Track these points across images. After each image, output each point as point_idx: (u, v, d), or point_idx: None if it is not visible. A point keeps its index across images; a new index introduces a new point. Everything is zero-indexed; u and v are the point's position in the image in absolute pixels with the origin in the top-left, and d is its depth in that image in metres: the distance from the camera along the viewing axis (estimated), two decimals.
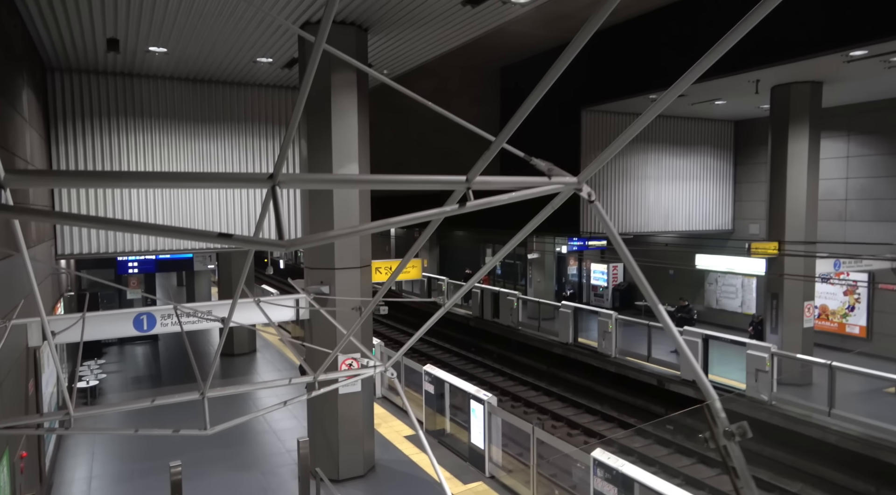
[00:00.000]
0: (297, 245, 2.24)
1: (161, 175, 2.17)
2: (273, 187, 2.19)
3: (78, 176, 1.89)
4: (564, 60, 1.47)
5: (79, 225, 1.72)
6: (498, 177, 2.73)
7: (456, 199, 2.83)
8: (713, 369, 14.40)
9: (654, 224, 18.79)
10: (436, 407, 11.58)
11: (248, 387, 4.61)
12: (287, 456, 10.38)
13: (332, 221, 9.03)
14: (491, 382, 18.72)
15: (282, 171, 2.12)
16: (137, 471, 9.93)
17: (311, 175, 2.24)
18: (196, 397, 4.20)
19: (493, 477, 9.53)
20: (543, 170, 2.75)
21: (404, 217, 2.60)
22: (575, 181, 2.78)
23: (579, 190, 2.81)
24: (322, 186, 2.78)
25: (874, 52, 10.94)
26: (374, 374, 5.11)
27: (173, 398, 4.20)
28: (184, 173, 1.90)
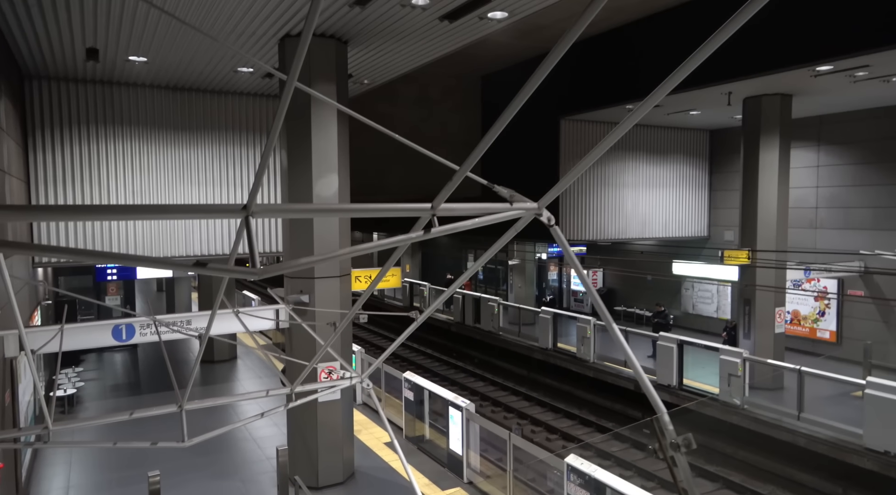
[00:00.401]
0: (270, 273, 2.39)
1: (135, 208, 2.31)
2: (246, 217, 2.34)
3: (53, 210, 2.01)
4: (540, 75, 1.49)
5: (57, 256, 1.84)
6: (461, 204, 2.90)
7: (421, 226, 2.99)
8: (688, 374, 14.69)
9: (631, 231, 19.12)
10: (415, 413, 11.70)
11: (226, 399, 4.71)
12: (267, 464, 10.43)
13: (311, 230, 9.14)
14: (472, 387, 18.88)
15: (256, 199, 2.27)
16: (116, 481, 9.91)
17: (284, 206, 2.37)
18: (174, 410, 4.30)
19: (470, 483, 9.68)
20: (505, 196, 2.94)
21: (373, 244, 2.75)
22: (535, 206, 2.97)
23: (539, 215, 3.00)
24: (295, 216, 2.92)
25: (839, 68, 11.32)
26: (351, 385, 5.24)
27: (151, 411, 4.29)
28: (159, 206, 2.04)
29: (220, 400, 4.67)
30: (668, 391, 14.70)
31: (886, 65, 11.09)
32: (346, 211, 2.83)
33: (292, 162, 9.34)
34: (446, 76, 19.80)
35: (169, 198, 12.72)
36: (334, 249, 9.21)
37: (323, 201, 9.26)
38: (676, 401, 14.38)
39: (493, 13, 8.12)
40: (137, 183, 12.43)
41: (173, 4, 7.87)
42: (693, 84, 12.70)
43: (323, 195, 9.23)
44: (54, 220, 1.69)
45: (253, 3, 7.80)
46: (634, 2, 13.50)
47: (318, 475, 9.41)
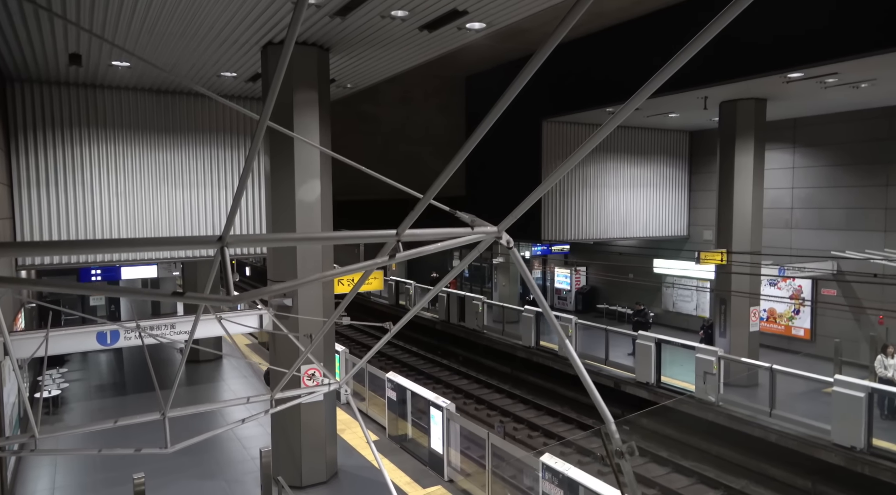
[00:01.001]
0: (243, 300, 2.60)
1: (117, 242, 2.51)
2: (221, 248, 2.55)
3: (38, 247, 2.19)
4: (521, 80, 1.50)
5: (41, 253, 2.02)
6: (425, 229, 3.13)
7: (387, 252, 3.20)
8: (666, 371, 15.03)
9: (613, 231, 19.43)
10: (398, 412, 11.91)
11: (208, 407, 4.89)
12: (252, 464, 10.59)
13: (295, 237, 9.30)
14: (456, 385, 19.13)
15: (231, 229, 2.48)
16: (101, 482, 10.04)
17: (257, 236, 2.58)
18: (157, 417, 4.48)
19: (451, 481, 9.92)
20: (467, 221, 3.16)
21: (341, 270, 2.96)
22: (495, 230, 3.20)
23: (499, 238, 3.23)
24: (267, 245, 3.13)
25: (809, 75, 11.64)
26: (329, 391, 5.43)
27: (135, 419, 4.47)
28: (139, 240, 2.25)
29: (203, 408, 4.85)
30: (646, 388, 15.04)
31: (854, 72, 11.43)
32: (317, 239, 3.04)
33: (275, 167, 9.49)
34: (430, 77, 19.96)
35: (153, 199, 12.79)
36: (317, 256, 9.40)
37: (305, 206, 9.43)
38: (655, 399, 14.72)
39: (470, 24, 8.32)
40: (121, 185, 12.50)
41: (156, 14, 7.98)
42: (671, 89, 12.98)
43: (305, 200, 9.39)
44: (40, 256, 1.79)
45: (234, 13, 7.93)
46: (614, 8, 13.75)
47: (301, 474, 9.60)
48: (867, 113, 15.94)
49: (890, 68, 11.10)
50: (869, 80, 12.18)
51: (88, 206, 12.23)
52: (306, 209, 9.39)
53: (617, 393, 16.02)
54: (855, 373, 14.41)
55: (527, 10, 7.80)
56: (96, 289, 2.31)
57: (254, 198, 13.65)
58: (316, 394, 5.24)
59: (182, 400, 10.08)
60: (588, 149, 1.68)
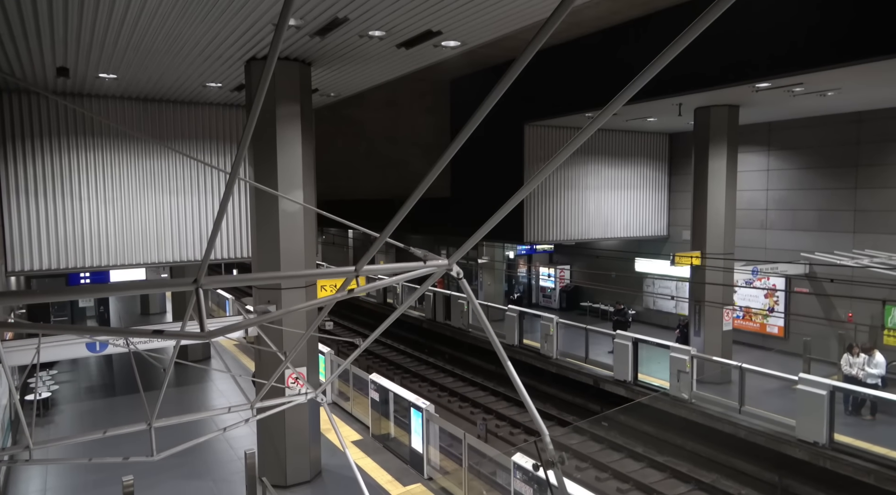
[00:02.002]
0: (216, 336, 2.98)
1: (101, 287, 2.89)
2: (196, 289, 2.92)
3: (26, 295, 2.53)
4: (499, 90, 1.56)
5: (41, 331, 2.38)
6: (382, 265, 3.52)
7: (346, 287, 3.58)
8: (643, 369, 15.50)
9: (594, 231, 19.86)
10: (381, 412, 12.30)
11: (191, 417, 5.25)
12: (239, 464, 10.94)
13: (277, 245, 9.63)
14: (441, 383, 19.55)
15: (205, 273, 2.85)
16: (92, 483, 10.35)
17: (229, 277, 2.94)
18: (143, 428, 4.84)
19: (430, 479, 10.32)
20: (420, 256, 3.54)
21: (306, 304, 3.33)
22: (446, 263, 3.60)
23: (450, 270, 3.64)
24: (239, 284, 3.49)
25: (777, 85, 12.08)
26: (306, 400, 5.80)
27: (123, 429, 4.82)
28: (121, 283, 2.62)
29: (187, 418, 5.20)
30: (624, 386, 15.51)
31: (819, 83, 11.89)
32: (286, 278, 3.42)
33: (259, 178, 9.80)
34: (416, 80, 20.24)
35: (141, 206, 13.05)
36: (300, 262, 9.73)
37: (288, 216, 9.75)
38: (632, 396, 15.20)
39: (446, 42, 8.66)
40: (109, 192, 12.75)
41: (142, 32, 8.26)
42: (646, 96, 13.38)
43: (289, 210, 9.72)
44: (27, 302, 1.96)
45: (218, 32, 8.22)
46: (590, 17, 14.11)
47: (286, 474, 9.97)
48: (836, 118, 16.43)
49: (853, 79, 11.56)
50: (834, 89, 12.64)
51: (77, 213, 12.47)
52: (289, 218, 9.72)
53: (596, 390, 16.50)
54: (825, 370, 14.95)
55: (497, 31, 8.15)
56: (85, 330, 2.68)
57: (240, 205, 13.94)
58: (294, 402, 5.59)
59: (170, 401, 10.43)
60: (565, 155, 1.75)
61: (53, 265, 12.45)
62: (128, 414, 13.47)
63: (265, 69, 1.61)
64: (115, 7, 7.26)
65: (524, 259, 27.25)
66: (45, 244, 12.26)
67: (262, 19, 7.71)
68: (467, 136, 1.71)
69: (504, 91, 1.56)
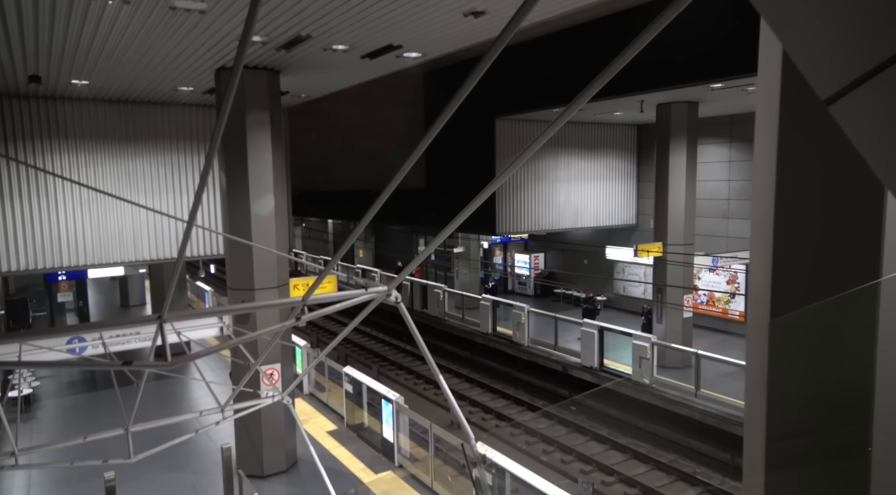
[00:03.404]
0: (178, 363, 3.45)
1: (74, 327, 3.35)
2: (160, 324, 3.38)
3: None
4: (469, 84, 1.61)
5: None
6: (327, 294, 4.01)
7: (294, 315, 4.05)
8: (609, 355, 16.20)
9: (564, 221, 20.44)
10: (355, 402, 12.84)
11: (165, 421, 5.71)
12: (218, 455, 11.42)
13: (251, 254, 10.02)
14: (418, 371, 20.12)
15: (167, 308, 3.31)
16: (76, 476, 10.77)
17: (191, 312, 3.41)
18: (121, 433, 5.29)
19: (400, 467, 10.91)
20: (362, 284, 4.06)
21: (255, 333, 3.80)
22: (385, 289, 4.10)
23: (389, 295, 4.15)
24: (201, 317, 3.97)
25: (730, 85, 12.63)
26: (272, 402, 6.27)
27: (102, 434, 5.27)
28: (87, 324, 3.09)
29: (162, 422, 5.66)
30: (590, 372, 16.21)
31: None
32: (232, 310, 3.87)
33: (230, 183, 10.16)
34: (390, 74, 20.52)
35: (117, 206, 13.30)
36: (273, 269, 10.14)
37: (260, 219, 10.14)
38: (598, 381, 15.91)
39: (408, 54, 9.04)
40: (85, 193, 12.98)
41: (113, 45, 8.52)
42: (609, 94, 13.87)
43: (260, 214, 10.10)
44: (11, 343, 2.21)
45: (187, 46, 8.52)
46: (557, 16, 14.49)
47: (262, 465, 10.49)
48: None
49: None
50: None
51: (53, 214, 12.71)
52: (261, 222, 10.11)
53: (564, 376, 17.19)
54: None
55: (454, 45, 8.56)
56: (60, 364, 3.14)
57: (216, 202, 14.24)
58: (261, 405, 6.07)
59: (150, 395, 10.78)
60: (532, 151, 1.82)
61: (31, 266, 12.71)
62: (109, 409, 13.85)
63: (230, 83, 1.69)
64: (87, 23, 7.54)
65: (500, 247, 27.82)
66: (22, 245, 12.50)
67: (229, 36, 8.03)
68: (438, 130, 1.77)
69: (472, 88, 1.61)
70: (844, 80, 1.33)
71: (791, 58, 1.37)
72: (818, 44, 1.51)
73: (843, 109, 1.31)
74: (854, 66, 1.21)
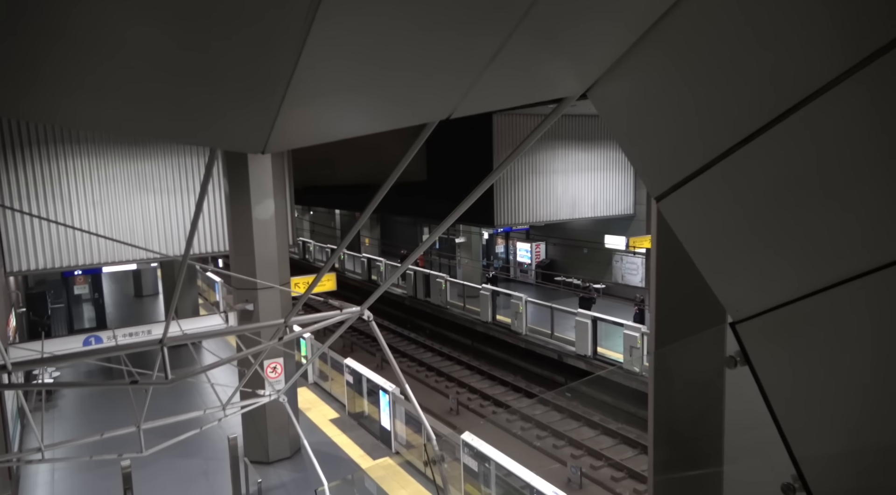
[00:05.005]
0: (179, 379, 4.06)
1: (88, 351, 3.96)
2: (162, 347, 3.98)
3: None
4: None
5: None
6: (307, 316, 4.60)
7: (277, 336, 4.65)
8: (602, 344, 16.77)
9: (562, 212, 20.89)
10: (356, 391, 13.53)
11: (173, 419, 6.36)
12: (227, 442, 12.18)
13: (252, 252, 10.63)
14: (420, 359, 20.83)
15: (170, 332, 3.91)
16: (95, 462, 11.55)
17: (190, 335, 4.00)
18: (133, 430, 5.95)
19: (398, 453, 11.61)
20: (336, 306, 4.60)
21: (233, 356, 4.41)
22: (359, 310, 4.69)
23: (362, 315, 4.74)
24: (199, 339, 4.53)
25: None
26: (271, 399, 6.91)
27: (117, 431, 5.94)
28: (96, 349, 3.70)
29: (170, 419, 6.32)
30: (584, 360, 16.80)
31: None
32: (231, 332, 4.48)
33: (232, 187, 10.75)
34: None
35: (128, 206, 13.95)
36: (273, 266, 10.75)
37: (261, 223, 10.74)
38: (591, 369, 16.51)
39: None
40: (97, 193, 13.64)
41: None
42: None
43: (261, 218, 10.70)
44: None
45: None
46: None
47: (268, 451, 11.22)
48: None
49: None
50: None
51: (68, 215, 13.39)
52: (262, 226, 10.71)
53: (559, 364, 17.80)
54: None
55: None
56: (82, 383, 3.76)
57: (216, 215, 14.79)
58: (258, 404, 6.70)
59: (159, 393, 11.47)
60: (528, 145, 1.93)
61: (49, 265, 13.43)
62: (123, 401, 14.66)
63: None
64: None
65: (502, 236, 28.33)
66: (39, 245, 13.22)
67: None
68: (435, 125, 1.81)
69: None
70: (664, 186, 1.99)
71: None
72: (639, 158, 2.14)
73: (665, 207, 1.96)
74: (664, 179, 1.87)
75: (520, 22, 1.51)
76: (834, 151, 1.57)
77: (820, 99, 1.48)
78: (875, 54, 1.34)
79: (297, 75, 1.45)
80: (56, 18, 1.15)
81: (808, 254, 1.90)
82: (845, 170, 1.55)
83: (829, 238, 1.76)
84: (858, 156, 1.51)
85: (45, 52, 1.28)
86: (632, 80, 2.16)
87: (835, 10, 1.40)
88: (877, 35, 1.31)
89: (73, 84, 1.54)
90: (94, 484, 10.90)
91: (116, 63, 1.41)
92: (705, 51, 1.83)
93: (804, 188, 1.70)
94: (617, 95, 2.26)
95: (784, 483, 2.33)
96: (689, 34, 1.83)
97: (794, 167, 1.73)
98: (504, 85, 2.17)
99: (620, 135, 2.34)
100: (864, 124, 1.45)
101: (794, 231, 1.93)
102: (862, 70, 1.37)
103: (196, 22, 1.22)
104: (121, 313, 24.63)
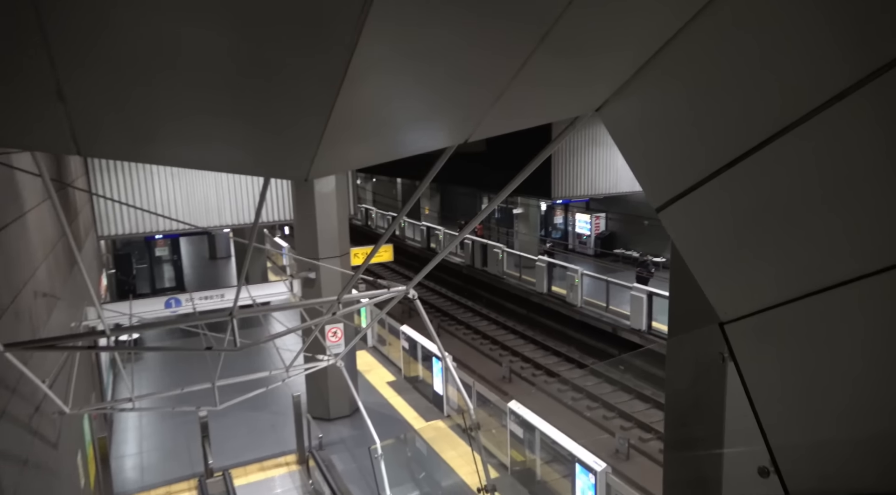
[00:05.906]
0: (246, 347, 4.60)
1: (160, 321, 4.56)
2: (231, 319, 4.50)
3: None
4: None
5: None
6: (358, 293, 5.08)
7: (331, 311, 5.13)
8: (658, 319, 16.71)
9: (622, 185, 20.59)
10: (412, 355, 14.19)
11: (242, 378, 7.05)
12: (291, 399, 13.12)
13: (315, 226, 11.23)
14: (476, 327, 21.34)
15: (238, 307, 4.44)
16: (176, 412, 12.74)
17: (258, 308, 4.52)
18: (208, 386, 6.66)
19: (448, 417, 12.20)
20: (384, 285, 5.05)
21: (293, 328, 4.95)
22: (405, 289, 5.14)
23: (408, 293, 5.20)
24: (259, 313, 5.07)
25: None
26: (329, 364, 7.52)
27: (195, 387, 6.66)
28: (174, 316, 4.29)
29: (240, 378, 7.01)
30: (638, 334, 16.83)
31: None
32: (291, 306, 5.00)
33: None
34: None
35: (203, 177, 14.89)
36: (334, 238, 11.35)
37: (323, 196, 11.31)
38: (644, 343, 16.53)
39: None
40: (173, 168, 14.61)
41: None
42: None
43: (323, 191, 11.27)
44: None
45: None
46: None
47: (329, 409, 12.05)
48: None
49: None
50: None
51: (150, 186, 14.46)
52: (324, 199, 11.29)
53: (613, 337, 17.89)
54: None
55: None
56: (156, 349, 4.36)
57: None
58: (317, 367, 7.31)
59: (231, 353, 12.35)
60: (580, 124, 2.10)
61: (133, 230, 14.60)
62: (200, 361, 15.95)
63: None
64: None
65: (561, 207, 28.19)
66: (125, 212, 14.37)
67: None
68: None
69: None
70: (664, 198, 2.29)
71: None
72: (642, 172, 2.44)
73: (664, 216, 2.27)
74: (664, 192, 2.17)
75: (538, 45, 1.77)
76: (814, 173, 1.80)
77: (812, 120, 1.69)
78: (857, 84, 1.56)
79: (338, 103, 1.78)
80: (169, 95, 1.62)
81: (792, 263, 2.16)
82: (826, 189, 1.78)
83: (812, 250, 2.00)
84: (839, 177, 1.74)
85: (165, 112, 1.74)
86: (638, 100, 2.42)
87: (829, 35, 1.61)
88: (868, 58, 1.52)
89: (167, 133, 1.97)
90: (176, 430, 12.07)
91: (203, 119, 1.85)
92: (707, 73, 2.06)
93: (790, 204, 1.94)
94: (624, 114, 2.51)
95: (760, 466, 2.61)
96: (693, 57, 2.06)
97: (779, 185, 1.97)
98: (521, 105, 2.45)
99: (627, 150, 2.58)
100: (847, 146, 1.67)
101: (779, 242, 2.18)
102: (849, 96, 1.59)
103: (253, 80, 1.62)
104: (197, 274, 26.33)
